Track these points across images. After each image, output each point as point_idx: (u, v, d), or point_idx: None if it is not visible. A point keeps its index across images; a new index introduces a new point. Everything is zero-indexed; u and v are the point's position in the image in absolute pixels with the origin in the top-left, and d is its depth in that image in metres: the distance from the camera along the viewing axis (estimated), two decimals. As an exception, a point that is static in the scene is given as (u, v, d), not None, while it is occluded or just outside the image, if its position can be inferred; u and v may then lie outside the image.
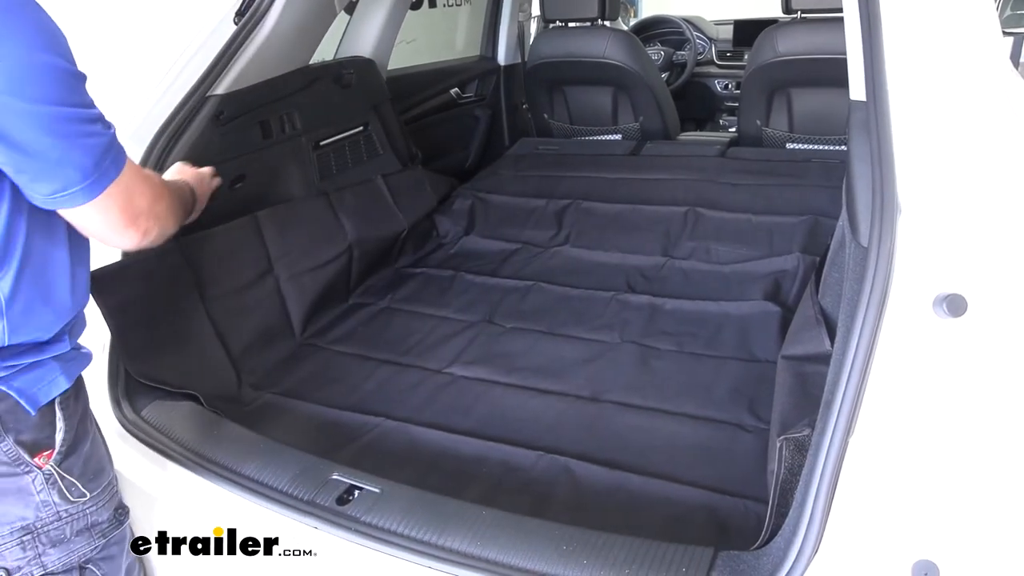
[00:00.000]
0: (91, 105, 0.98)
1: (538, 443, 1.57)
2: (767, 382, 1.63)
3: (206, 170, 1.59)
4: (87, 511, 1.14)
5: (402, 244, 2.59)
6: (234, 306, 1.89)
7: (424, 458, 1.56)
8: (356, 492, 1.26)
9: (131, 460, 1.40)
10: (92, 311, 1.35)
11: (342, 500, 1.24)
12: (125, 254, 1.59)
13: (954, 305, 0.92)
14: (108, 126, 1.00)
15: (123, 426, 1.46)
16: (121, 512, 1.22)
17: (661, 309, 2.11)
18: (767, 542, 1.10)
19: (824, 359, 1.30)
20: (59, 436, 1.09)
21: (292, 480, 1.28)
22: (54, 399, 1.08)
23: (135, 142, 1.69)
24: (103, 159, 0.98)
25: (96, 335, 1.47)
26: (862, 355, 0.96)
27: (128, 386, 1.53)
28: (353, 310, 2.25)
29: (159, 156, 1.71)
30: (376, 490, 1.26)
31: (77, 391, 1.14)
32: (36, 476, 1.07)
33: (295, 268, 2.10)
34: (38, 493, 1.07)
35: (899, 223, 0.98)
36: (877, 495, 0.96)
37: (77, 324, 1.15)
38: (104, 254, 1.52)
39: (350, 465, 1.34)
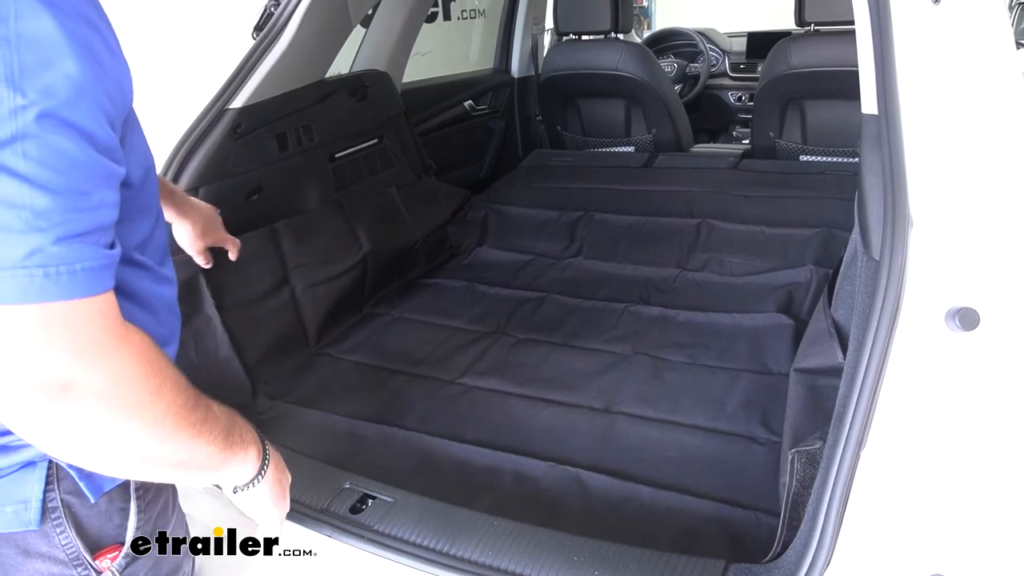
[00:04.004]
0: None
1: (550, 454, 1.57)
2: (779, 394, 1.62)
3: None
4: None
5: (416, 255, 2.60)
6: (250, 316, 1.91)
7: (436, 468, 1.56)
8: (369, 501, 1.27)
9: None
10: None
11: (355, 509, 1.25)
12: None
13: (966, 319, 0.92)
14: None
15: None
16: None
17: (674, 321, 2.11)
18: (779, 555, 1.10)
19: (836, 372, 1.29)
20: (131, 530, 0.87)
21: (306, 488, 1.29)
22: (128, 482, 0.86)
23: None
24: None
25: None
26: (874, 368, 0.96)
27: None
28: (367, 320, 2.26)
29: (177, 169, 1.74)
30: (389, 499, 1.27)
31: None
32: None
33: (311, 279, 2.12)
34: None
35: (911, 237, 0.99)
36: (889, 509, 0.96)
37: None
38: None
39: (363, 474, 1.35)
